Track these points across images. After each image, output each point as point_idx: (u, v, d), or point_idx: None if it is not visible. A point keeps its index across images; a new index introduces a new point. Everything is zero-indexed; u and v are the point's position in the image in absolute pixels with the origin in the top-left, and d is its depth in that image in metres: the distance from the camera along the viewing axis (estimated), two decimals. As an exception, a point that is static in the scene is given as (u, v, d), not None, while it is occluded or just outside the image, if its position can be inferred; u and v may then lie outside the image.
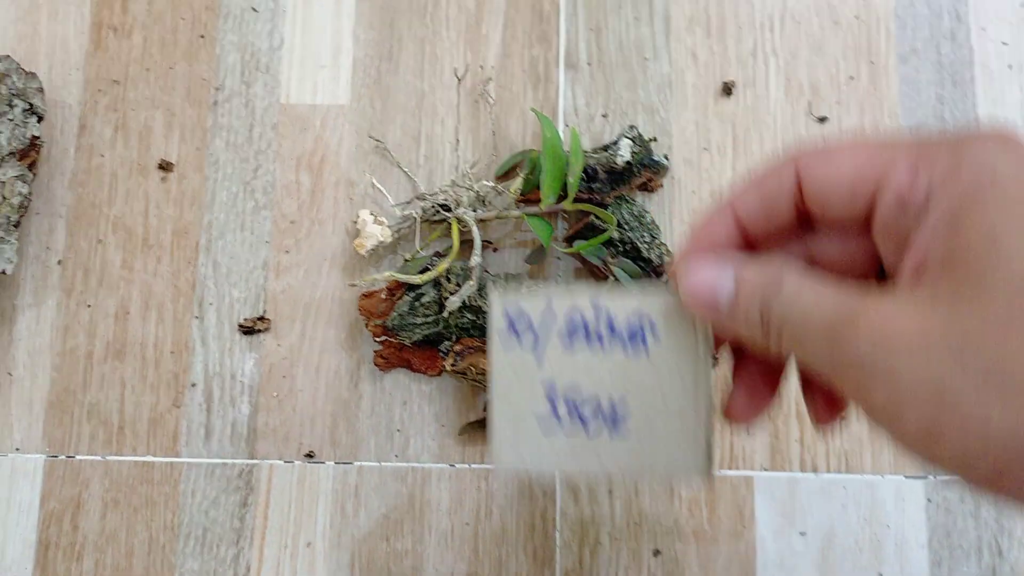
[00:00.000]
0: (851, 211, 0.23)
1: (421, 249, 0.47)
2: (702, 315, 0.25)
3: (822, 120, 0.49)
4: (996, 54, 0.50)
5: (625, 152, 0.45)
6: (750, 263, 0.24)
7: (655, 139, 0.48)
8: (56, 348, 0.48)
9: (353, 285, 0.46)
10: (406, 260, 0.47)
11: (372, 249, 0.47)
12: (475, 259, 0.45)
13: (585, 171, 0.45)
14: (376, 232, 0.47)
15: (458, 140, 0.49)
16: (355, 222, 0.48)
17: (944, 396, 0.18)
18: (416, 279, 0.45)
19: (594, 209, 0.45)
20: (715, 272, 0.24)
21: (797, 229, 0.25)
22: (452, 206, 0.46)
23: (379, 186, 0.49)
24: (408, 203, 0.47)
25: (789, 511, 0.46)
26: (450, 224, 0.46)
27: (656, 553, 0.45)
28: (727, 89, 0.49)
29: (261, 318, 0.48)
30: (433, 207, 0.46)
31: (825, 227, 0.24)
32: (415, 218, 0.46)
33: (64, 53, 0.51)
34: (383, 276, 0.45)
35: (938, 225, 0.20)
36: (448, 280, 0.45)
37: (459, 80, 0.49)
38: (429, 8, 0.51)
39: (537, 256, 0.47)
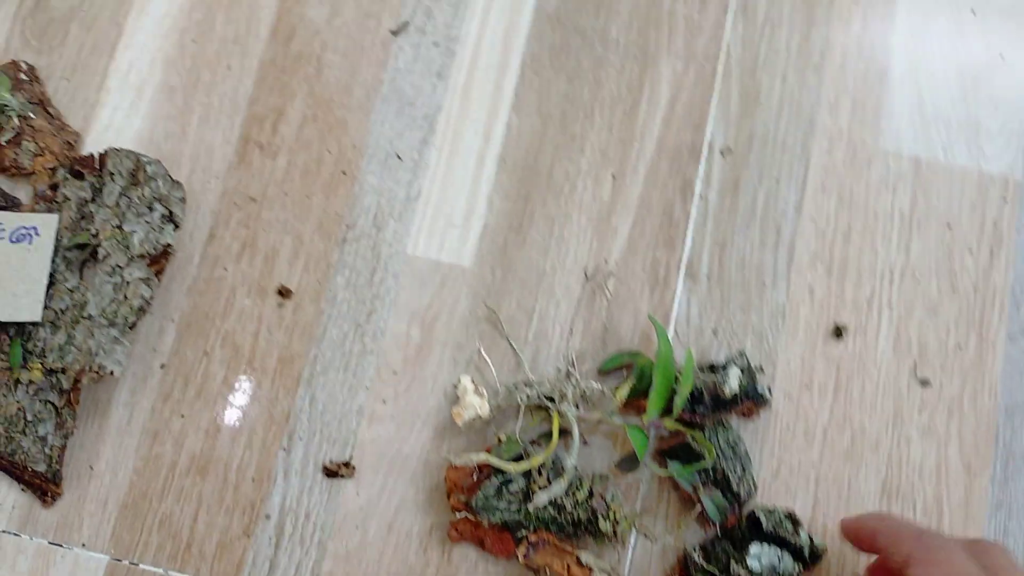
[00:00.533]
0: None
1: (518, 433, 0.48)
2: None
3: (924, 383, 0.50)
4: (1101, 349, 0.51)
5: (734, 382, 0.46)
6: None
7: (762, 369, 0.49)
8: (142, 452, 0.49)
9: (447, 459, 0.47)
10: (500, 440, 0.48)
11: (469, 421, 0.48)
12: (570, 461, 0.46)
13: (690, 392, 0.47)
14: (475, 403, 0.48)
15: (572, 328, 0.50)
16: (455, 386, 0.49)
17: None
18: (510, 467, 0.46)
19: (694, 433, 0.46)
20: None
21: None
22: (556, 398, 0.47)
23: (485, 356, 0.50)
24: (515, 387, 0.48)
25: None
26: (550, 414, 0.47)
27: None
28: (838, 331, 0.50)
29: (347, 464, 0.49)
30: (538, 395, 0.47)
31: None
32: (520, 402, 0.47)
33: (208, 159, 0.53)
34: (479, 458, 0.46)
35: None
36: (540, 474, 0.46)
37: (587, 277, 0.50)
38: (566, 190, 0.52)
39: (629, 465, 0.47)
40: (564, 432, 0.48)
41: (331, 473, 0.48)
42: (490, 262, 0.51)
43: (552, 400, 0.48)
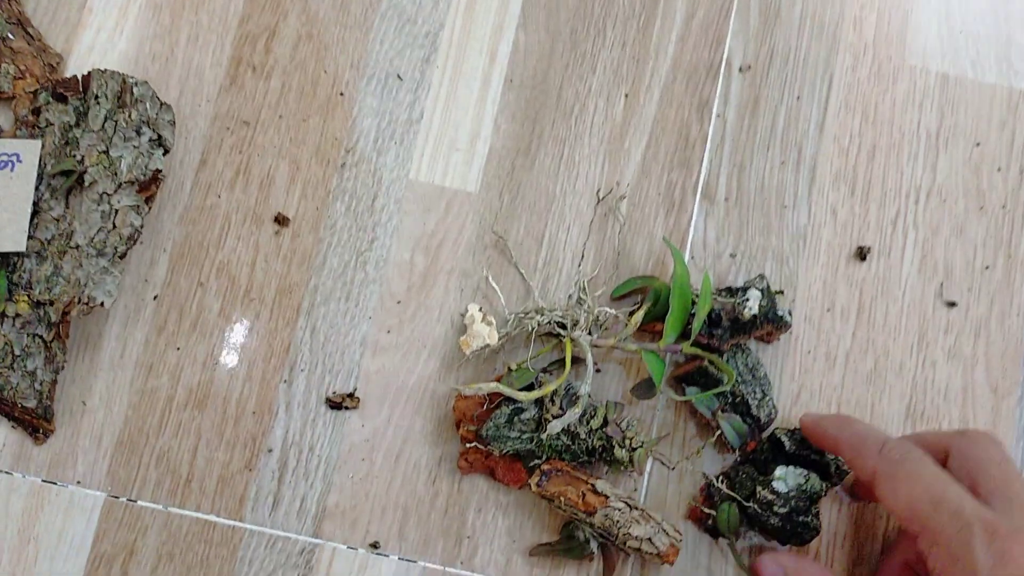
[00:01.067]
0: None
1: (529, 360, 0.46)
2: None
3: (951, 305, 0.48)
4: None
5: (753, 305, 0.45)
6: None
7: (782, 292, 0.48)
8: (136, 386, 0.47)
9: (456, 390, 0.45)
10: (510, 369, 0.46)
11: (477, 350, 0.46)
12: (584, 387, 0.44)
13: (708, 315, 0.45)
14: (483, 333, 0.46)
15: (583, 253, 0.48)
16: (463, 315, 0.47)
17: None
18: (522, 396, 0.44)
19: (712, 357, 0.44)
20: (771, 570, 0.42)
21: None
22: (568, 325, 0.46)
23: (493, 283, 0.48)
24: (525, 314, 0.46)
25: None
26: (561, 341, 0.46)
27: None
28: (861, 253, 0.48)
29: (351, 395, 0.47)
30: (550, 322, 0.46)
31: None
32: (531, 330, 0.46)
33: (198, 82, 0.50)
34: (488, 387, 0.44)
35: None
36: (552, 402, 0.45)
37: (600, 199, 0.48)
38: (576, 111, 0.50)
39: (645, 391, 0.46)
40: (577, 360, 0.46)
41: (335, 405, 0.47)
42: (497, 187, 0.49)
43: (564, 327, 0.46)
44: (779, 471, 0.42)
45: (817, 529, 0.42)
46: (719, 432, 0.45)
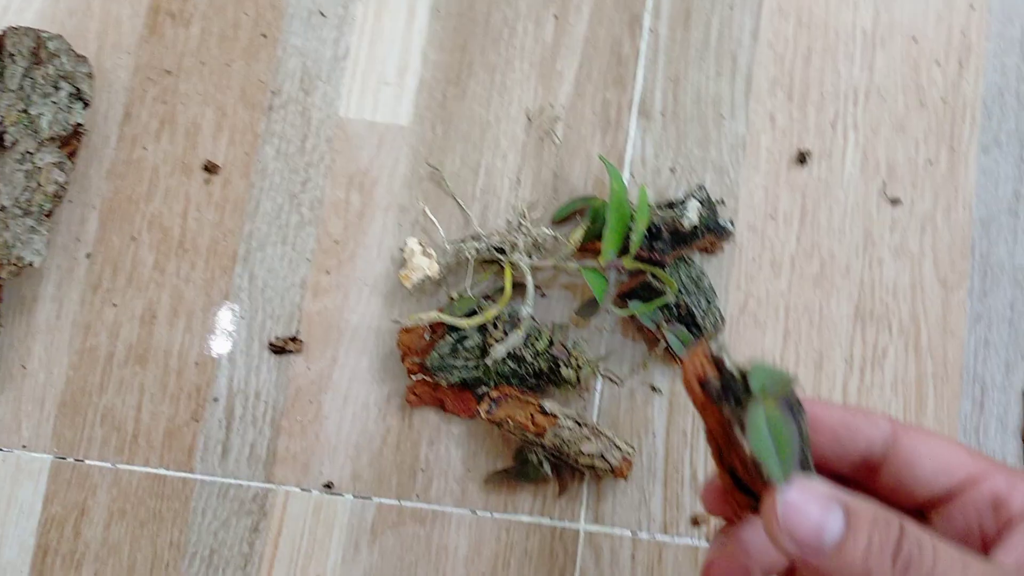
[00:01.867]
0: (927, 489, 0.25)
1: (470, 289, 0.46)
2: (795, 555, 0.23)
3: (895, 202, 0.48)
4: (1078, 154, 0.49)
5: (693, 215, 0.44)
6: (863, 501, 0.23)
7: (723, 202, 0.47)
8: (75, 346, 0.46)
9: (397, 322, 0.45)
10: (452, 299, 0.46)
11: (418, 283, 0.45)
12: (526, 309, 0.44)
13: (648, 229, 0.44)
14: (423, 265, 0.45)
15: (519, 179, 0.48)
16: (402, 250, 0.47)
17: None
18: (463, 323, 0.44)
19: (654, 270, 0.44)
20: (821, 510, 0.22)
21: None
22: (507, 249, 0.45)
23: (431, 216, 0.48)
24: (462, 242, 0.46)
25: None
26: (502, 267, 0.45)
27: (675, 629, 0.45)
28: (802, 158, 0.48)
29: (293, 339, 0.46)
30: (488, 248, 0.45)
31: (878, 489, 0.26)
32: (469, 257, 0.45)
33: (116, 34, 0.49)
34: (429, 316, 0.44)
35: None
36: (495, 327, 0.44)
37: (530, 120, 0.48)
38: (505, 36, 0.49)
39: (589, 311, 0.45)
40: (519, 285, 0.46)
41: (278, 350, 0.46)
42: (429, 118, 0.49)
43: (503, 251, 0.45)
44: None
45: None
46: (665, 344, 0.44)
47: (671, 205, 0.46)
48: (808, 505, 0.22)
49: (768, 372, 0.23)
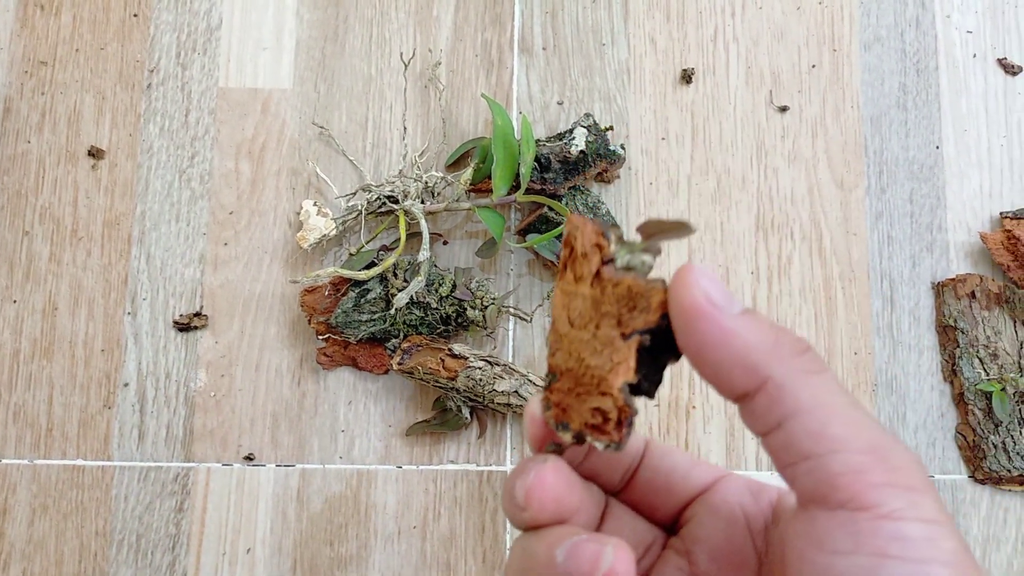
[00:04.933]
0: (668, 497, 0.25)
1: (367, 243, 0.47)
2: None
3: (783, 109, 0.49)
4: (961, 42, 0.50)
5: (580, 141, 0.45)
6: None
7: (611, 128, 0.48)
8: (-21, 346, 0.47)
9: (295, 282, 0.46)
10: (351, 254, 0.46)
11: (315, 243, 0.46)
12: (423, 254, 0.44)
13: (538, 160, 0.45)
14: (320, 225, 0.46)
15: (406, 127, 0.49)
16: (298, 213, 0.48)
17: None
18: (361, 275, 0.44)
19: (547, 201, 0.44)
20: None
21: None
22: (400, 198, 0.46)
23: (323, 176, 0.48)
24: (353, 194, 0.47)
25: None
26: (397, 217, 0.46)
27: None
28: (687, 77, 0.49)
29: (198, 314, 0.47)
30: (379, 199, 0.46)
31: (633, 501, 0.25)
32: (360, 210, 0.46)
33: (-14, 31, 0.50)
34: (326, 272, 0.44)
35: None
36: (395, 275, 0.45)
37: (406, 65, 0.48)
38: (377, -12, 0.50)
39: (488, 250, 0.46)
40: (417, 234, 0.46)
41: (183, 327, 0.47)
42: (311, 78, 0.49)
43: (395, 200, 0.46)
44: None
45: None
46: (566, 274, 0.45)
47: (560, 137, 0.47)
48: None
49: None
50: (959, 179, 0.49)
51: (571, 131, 0.46)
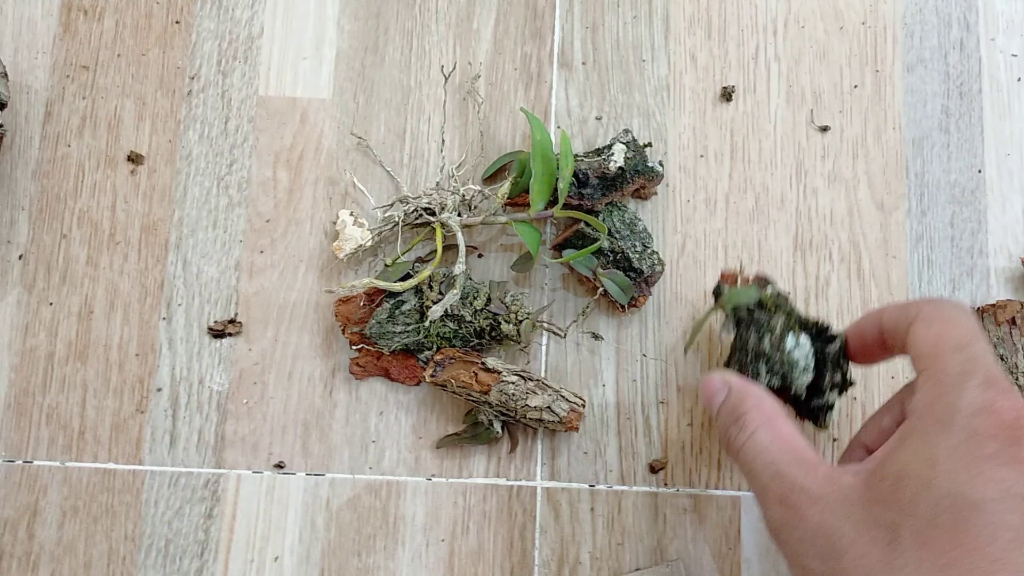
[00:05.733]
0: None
1: (403, 254, 0.47)
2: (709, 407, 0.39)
3: (824, 129, 0.49)
4: (1005, 66, 0.50)
5: (618, 157, 0.45)
6: (735, 390, 0.37)
7: (650, 144, 0.48)
8: (15, 347, 0.47)
9: (330, 292, 0.46)
10: (387, 265, 0.47)
11: (351, 253, 0.46)
12: (459, 267, 0.44)
13: (576, 176, 0.45)
14: (356, 235, 0.46)
15: (444, 140, 0.49)
16: (334, 223, 0.48)
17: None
18: (396, 287, 0.45)
19: (584, 216, 0.44)
20: (717, 386, 0.38)
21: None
22: (436, 210, 0.46)
23: (360, 186, 0.48)
24: (390, 205, 0.47)
25: (778, 535, 0.46)
26: (433, 229, 0.46)
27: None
28: (727, 94, 0.49)
29: (232, 321, 0.47)
30: (416, 210, 0.46)
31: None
32: (396, 221, 0.46)
33: (31, 35, 0.50)
34: (361, 283, 0.45)
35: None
36: (430, 288, 0.45)
37: (446, 77, 0.48)
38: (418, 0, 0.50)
39: (524, 264, 0.46)
40: (454, 246, 0.46)
41: (218, 334, 0.47)
42: (350, 89, 0.50)
43: (432, 212, 0.46)
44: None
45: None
46: (602, 290, 0.45)
47: (598, 152, 0.47)
48: (713, 379, 0.38)
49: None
50: (1001, 203, 0.49)
51: (609, 147, 0.46)
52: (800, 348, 0.41)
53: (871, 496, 0.29)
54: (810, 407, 0.42)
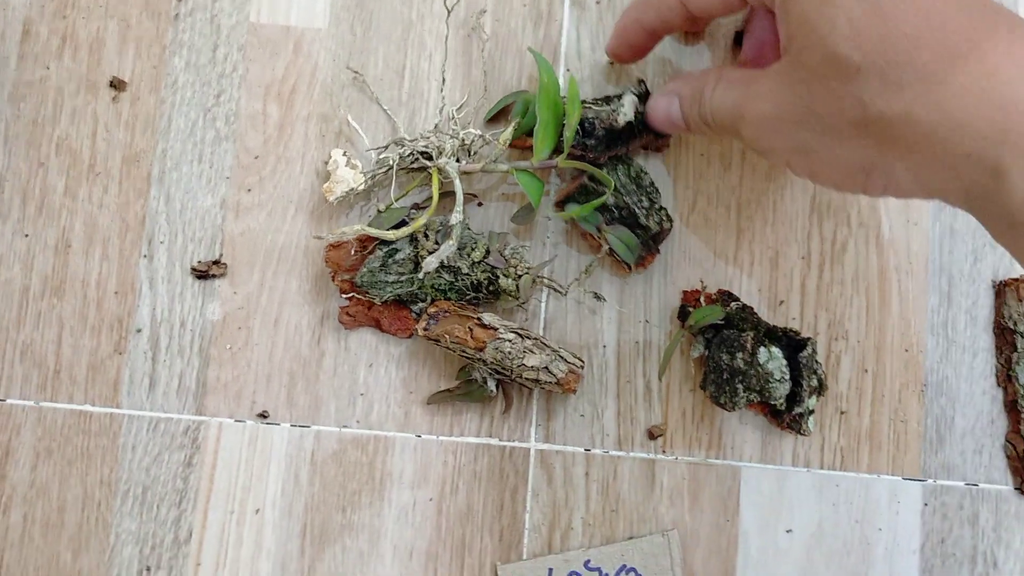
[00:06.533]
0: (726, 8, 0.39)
1: (397, 200, 0.44)
2: (671, 131, 0.43)
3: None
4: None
5: (628, 111, 0.43)
6: (686, 84, 0.40)
7: (665, 93, 0.45)
8: (-12, 280, 0.45)
9: (319, 238, 0.43)
10: (380, 211, 0.44)
11: (342, 196, 0.44)
12: (456, 216, 0.42)
13: (581, 125, 0.43)
14: (348, 177, 0.44)
15: (445, 78, 0.46)
16: (326, 163, 0.45)
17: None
18: (390, 235, 0.42)
19: (591, 169, 0.42)
20: (665, 101, 0.41)
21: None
22: (434, 154, 0.44)
23: (354, 124, 0.46)
24: (385, 147, 0.44)
25: (776, 506, 0.45)
26: (430, 174, 0.44)
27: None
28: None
29: (216, 262, 0.45)
30: (412, 154, 0.44)
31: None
32: (391, 165, 0.44)
33: (6, -54, 0.47)
34: (353, 229, 0.42)
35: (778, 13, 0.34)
36: (426, 237, 0.43)
37: (449, 11, 0.45)
38: (423, -75, 0.47)
39: (525, 216, 0.44)
40: (452, 193, 0.44)
41: (201, 275, 0.45)
42: (347, 19, 0.47)
43: (429, 156, 0.44)
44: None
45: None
46: (607, 247, 0.43)
47: (607, 100, 0.44)
48: (658, 103, 0.42)
49: None
50: (1033, 172, 0.46)
51: (620, 97, 0.43)
52: (774, 360, 0.41)
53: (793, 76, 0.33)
54: (792, 415, 0.43)
